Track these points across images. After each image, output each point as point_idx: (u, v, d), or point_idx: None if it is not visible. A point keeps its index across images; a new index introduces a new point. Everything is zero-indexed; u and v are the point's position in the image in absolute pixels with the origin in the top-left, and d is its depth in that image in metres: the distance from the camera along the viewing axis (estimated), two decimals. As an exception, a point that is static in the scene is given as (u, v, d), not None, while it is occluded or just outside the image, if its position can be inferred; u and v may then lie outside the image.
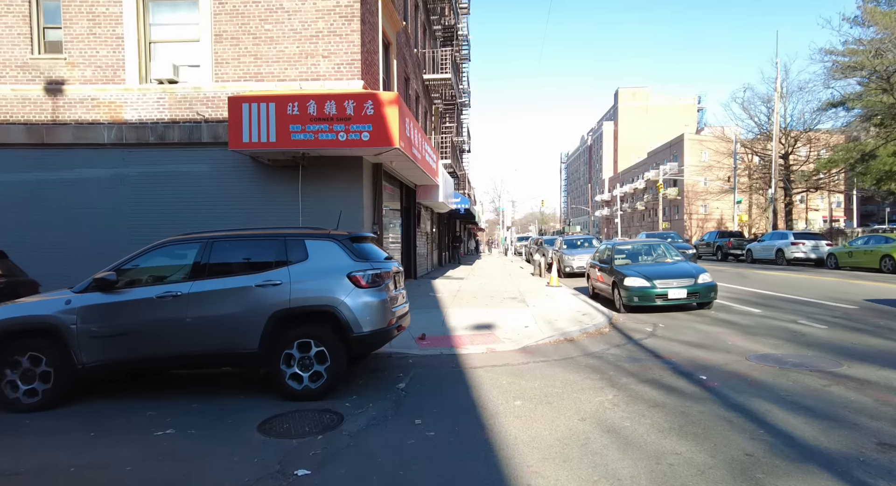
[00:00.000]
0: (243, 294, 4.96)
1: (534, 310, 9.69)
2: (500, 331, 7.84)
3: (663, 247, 11.36)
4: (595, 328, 8.04)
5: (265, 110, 9.03)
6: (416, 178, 14.31)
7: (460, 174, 26.43)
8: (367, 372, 5.88)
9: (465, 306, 10.38)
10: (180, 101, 9.93)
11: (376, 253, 5.59)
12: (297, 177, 9.92)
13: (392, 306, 5.31)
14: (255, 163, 10.07)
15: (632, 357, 6.23)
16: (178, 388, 5.44)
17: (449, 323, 8.49)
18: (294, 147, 9.06)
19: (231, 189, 10.09)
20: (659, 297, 9.19)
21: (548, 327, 8.07)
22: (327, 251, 5.18)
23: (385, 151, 9.46)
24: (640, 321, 8.77)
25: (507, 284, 15.11)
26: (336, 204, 10.01)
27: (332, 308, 4.93)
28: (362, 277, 5.05)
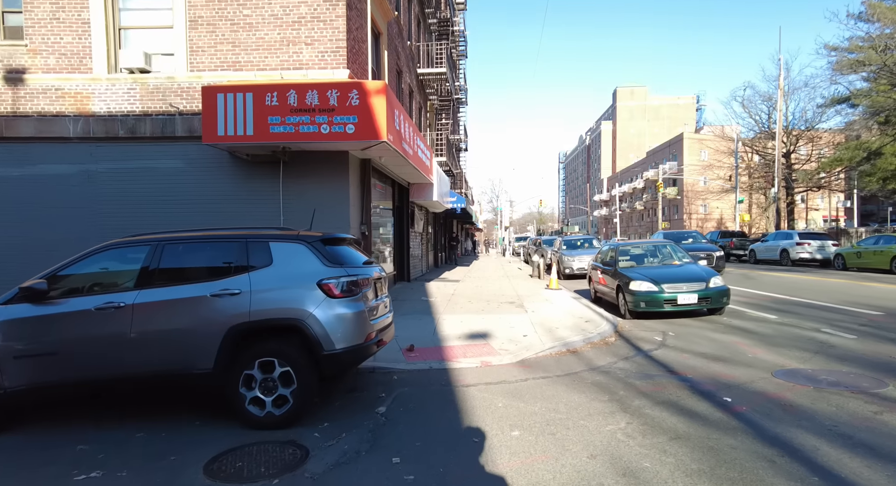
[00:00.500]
0: (196, 305, 4.27)
1: (533, 316, 9.01)
2: (496, 341, 7.16)
3: (670, 248, 10.70)
4: (600, 338, 7.37)
5: (242, 101, 8.33)
6: (408, 175, 13.62)
7: (456, 172, 25.75)
8: (344, 392, 5.19)
9: (460, 311, 9.69)
10: (152, 92, 9.22)
11: (353, 257, 4.90)
12: (279, 173, 9.23)
13: (371, 318, 4.63)
14: (234, 158, 9.37)
15: (643, 373, 5.56)
16: (129, 408, 4.74)
17: (441, 332, 7.81)
18: (273, 141, 8.37)
19: (208, 187, 9.38)
20: (668, 302, 8.52)
21: (548, 336, 7.39)
22: (295, 255, 4.49)
23: (373, 145, 8.77)
24: (647, 329, 8.10)
25: (505, 287, 14.43)
26: (320, 202, 9.32)
27: (298, 322, 4.24)
28: (335, 285, 4.36)
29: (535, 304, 10.58)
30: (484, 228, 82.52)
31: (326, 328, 4.26)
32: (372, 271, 4.90)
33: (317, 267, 4.43)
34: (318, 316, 4.26)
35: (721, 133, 45.21)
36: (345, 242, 5.03)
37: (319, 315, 4.26)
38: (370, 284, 4.73)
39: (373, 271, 4.95)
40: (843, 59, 26.77)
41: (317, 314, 4.26)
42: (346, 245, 5.06)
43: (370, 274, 4.79)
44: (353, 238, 5.18)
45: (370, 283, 4.73)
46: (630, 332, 7.91)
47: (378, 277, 5.06)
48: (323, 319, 4.27)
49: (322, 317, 4.27)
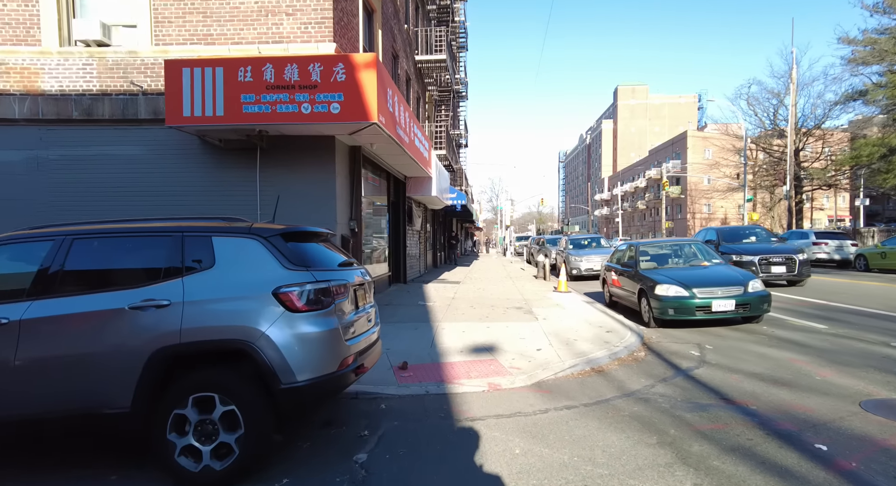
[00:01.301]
0: (109, 322, 3.17)
1: (545, 324, 7.90)
2: (505, 356, 6.06)
3: (695, 247, 9.60)
4: (627, 352, 6.26)
5: (211, 77, 7.22)
6: (405, 168, 12.51)
7: (456, 168, 24.64)
8: (316, 427, 4.08)
9: (461, 318, 8.58)
10: (112, 68, 8.10)
11: (325, 257, 3.80)
12: (256, 162, 8.12)
13: (348, 337, 3.52)
14: (205, 145, 8.26)
15: (692, 401, 4.46)
16: (22, 458, 3.63)
17: (440, 344, 6.70)
18: (247, 122, 7.26)
19: (176, 177, 8.27)
20: (700, 309, 7.42)
21: (566, 350, 6.28)
22: (245, 255, 3.38)
23: (362, 128, 7.66)
24: (679, 340, 7.01)
25: (509, 289, 13.32)
26: (304, 195, 8.22)
27: (247, 344, 3.13)
28: (297, 294, 3.26)
29: (545, 309, 9.48)
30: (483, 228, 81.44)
31: (285, 353, 3.16)
32: (351, 276, 3.79)
33: (274, 270, 3.32)
34: (273, 337, 3.15)
35: (726, 131, 44.15)
36: (315, 237, 3.91)
37: (275, 336, 3.16)
38: (347, 292, 3.62)
39: (352, 275, 3.84)
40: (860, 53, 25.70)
41: (272, 335, 3.15)
42: (318, 241, 3.95)
43: (348, 279, 3.68)
44: (326, 233, 4.07)
45: (347, 291, 3.62)
46: (660, 344, 6.81)
47: (360, 282, 3.96)
48: (280, 340, 3.16)
49: (279, 338, 3.16)
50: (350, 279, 3.73)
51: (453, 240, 28.82)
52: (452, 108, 23.98)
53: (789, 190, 28.10)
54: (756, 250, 12.98)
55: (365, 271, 4.26)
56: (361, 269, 4.22)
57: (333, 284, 3.45)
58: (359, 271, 4.06)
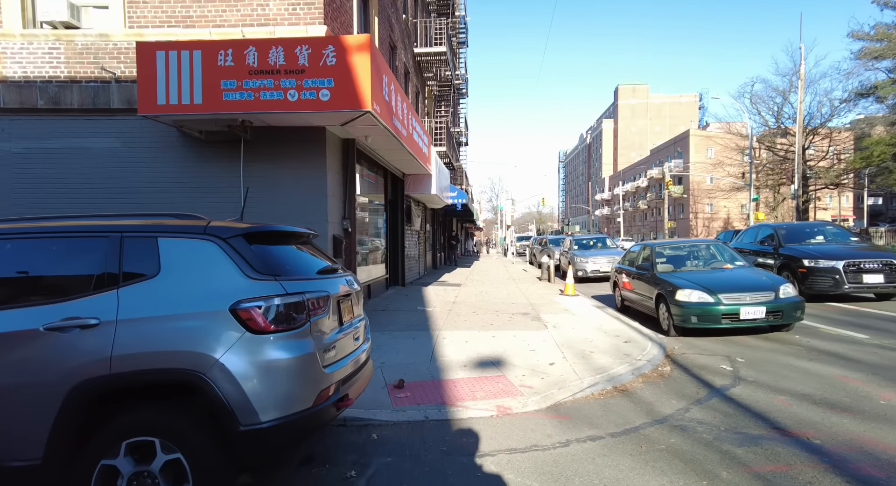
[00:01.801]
0: (16, 347, 2.50)
1: (555, 333, 7.22)
2: (514, 371, 5.37)
3: (714, 248, 8.92)
4: (651, 366, 5.58)
5: (188, 61, 6.53)
6: (403, 164, 11.83)
7: (456, 165, 23.96)
8: (294, 465, 3.40)
9: (463, 325, 7.89)
10: (81, 52, 7.41)
11: (301, 263, 3.12)
12: (239, 155, 7.43)
13: (328, 362, 2.85)
14: (185, 137, 7.58)
15: (738, 431, 3.77)
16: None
17: (441, 356, 6.01)
18: (228, 111, 6.57)
19: (152, 172, 7.59)
20: (727, 317, 6.73)
21: (583, 364, 5.60)
22: (199, 260, 2.70)
23: (355, 118, 6.97)
24: (705, 351, 6.33)
25: (513, 292, 12.64)
26: (291, 192, 7.55)
27: (196, 376, 2.46)
28: (261, 311, 2.58)
29: (553, 315, 8.79)
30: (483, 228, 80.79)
31: (245, 387, 2.48)
32: (334, 285, 3.11)
33: (233, 280, 2.64)
34: (230, 366, 2.47)
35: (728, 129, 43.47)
36: (291, 238, 3.23)
37: (233, 364, 2.48)
38: (328, 305, 2.93)
39: (335, 284, 3.16)
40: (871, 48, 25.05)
41: (228, 363, 2.47)
42: (296, 244, 3.27)
43: (329, 290, 3.00)
44: (306, 233, 3.39)
45: (328, 304, 2.94)
46: (684, 356, 6.13)
47: (346, 292, 3.28)
48: (239, 370, 2.48)
49: (238, 367, 2.48)
50: (332, 290, 3.05)
51: (453, 240, 28.14)
52: (453, 104, 23.31)
53: (797, 189, 27.42)
54: (839, 254, 9.58)
55: (352, 279, 3.58)
56: (348, 276, 3.54)
57: (309, 296, 2.77)
58: (344, 279, 3.37)
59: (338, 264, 3.53)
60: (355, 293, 3.56)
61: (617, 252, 16.89)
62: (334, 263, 3.57)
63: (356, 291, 3.59)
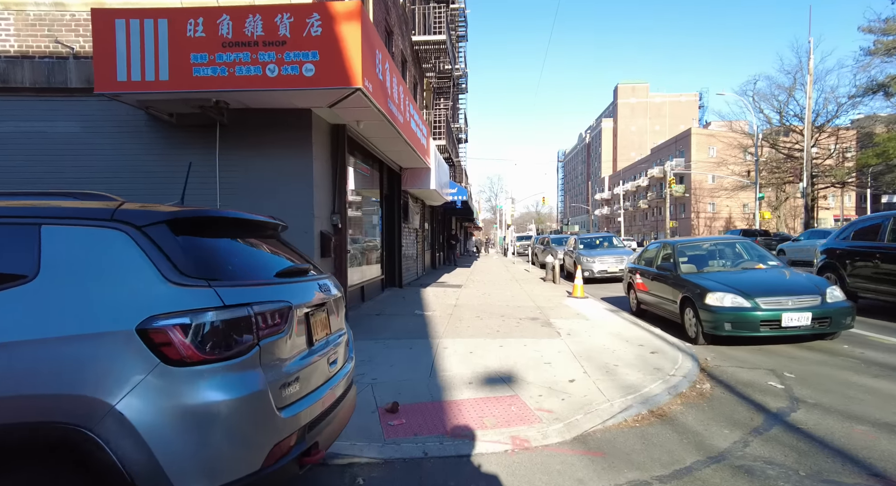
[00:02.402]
0: None
1: (570, 342, 6.40)
2: (528, 389, 4.56)
3: (741, 247, 8.11)
4: (687, 383, 4.77)
5: (152, 31, 5.71)
6: (400, 156, 11.00)
7: (456, 161, 23.13)
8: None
9: (467, 332, 7.07)
10: (34, 24, 6.57)
11: (253, 263, 2.32)
12: (215, 141, 6.61)
13: (288, 402, 2.03)
14: (153, 120, 6.75)
15: (825, 479, 2.96)
16: None
17: (442, 371, 5.19)
18: (199, 89, 5.75)
19: (117, 160, 6.76)
20: (766, 323, 5.92)
21: (608, 380, 4.78)
22: (98, 257, 1.87)
23: (344, 97, 6.15)
24: (743, 363, 5.53)
25: (518, 294, 11.82)
26: (273, 183, 6.73)
27: (77, 434, 1.63)
28: (182, 332, 1.76)
29: (565, 320, 7.98)
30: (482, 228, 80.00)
31: (154, 448, 1.66)
32: (302, 292, 2.30)
33: (147, 286, 1.82)
34: (132, 416, 1.65)
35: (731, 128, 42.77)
36: (243, 229, 2.41)
37: (137, 414, 1.66)
38: (289, 321, 2.11)
39: (305, 290, 2.34)
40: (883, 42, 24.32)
41: (130, 412, 1.66)
42: (250, 238, 2.45)
43: (293, 299, 2.18)
44: (268, 223, 2.58)
45: (289, 319, 2.12)
46: (721, 370, 5.32)
47: (320, 301, 2.46)
48: (146, 422, 1.66)
49: (144, 418, 1.66)
50: (297, 298, 2.23)
51: (453, 240, 27.32)
52: (452, 98, 22.50)
53: (806, 187, 26.65)
54: None
55: (329, 283, 2.76)
56: (323, 278, 2.72)
57: (259, 309, 1.95)
58: (317, 284, 2.55)
59: (309, 264, 2.70)
60: (333, 301, 2.74)
61: (625, 252, 16.12)
62: (305, 262, 2.75)
63: (335, 298, 2.77)
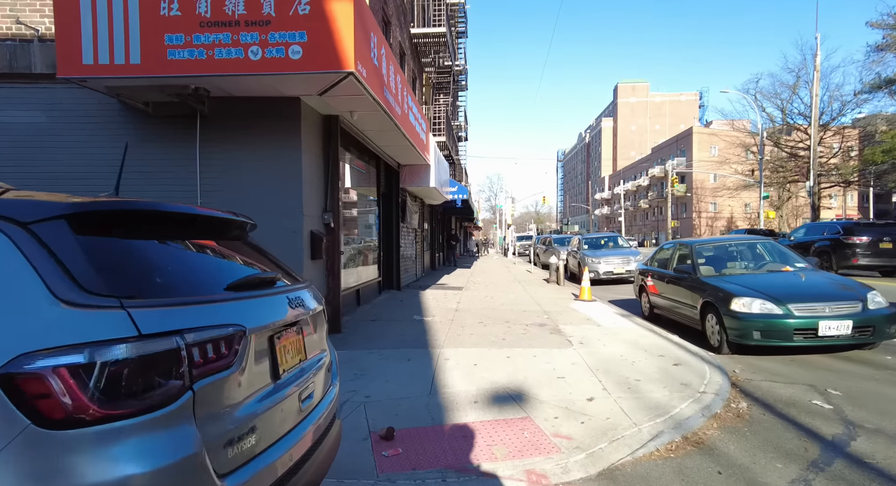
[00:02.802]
0: None
1: (584, 352, 5.85)
2: (541, 410, 4.00)
3: (763, 248, 7.57)
4: (721, 402, 4.22)
5: (122, 9, 5.15)
6: (398, 152, 10.45)
7: (456, 159, 22.57)
8: None
9: (469, 341, 6.52)
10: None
11: (198, 271, 1.75)
12: (195, 133, 6.05)
13: (235, 465, 1.46)
14: (127, 110, 6.19)
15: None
16: None
17: (443, 387, 4.63)
18: (173, 74, 5.19)
19: (88, 154, 6.20)
20: (800, 332, 5.38)
21: (632, 399, 4.23)
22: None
23: (335, 83, 5.59)
24: (778, 377, 4.98)
25: (521, 297, 11.27)
26: (258, 178, 6.17)
27: None
28: (62, 379, 1.19)
29: (575, 327, 7.42)
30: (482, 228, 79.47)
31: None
32: (264, 310, 1.75)
33: (27, 307, 1.25)
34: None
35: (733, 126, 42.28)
36: (182, 225, 1.84)
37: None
38: (240, 351, 1.55)
39: (270, 307, 1.80)
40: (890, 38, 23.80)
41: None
42: (196, 242, 1.89)
43: (247, 321, 1.62)
44: (224, 219, 2.03)
45: (240, 349, 1.56)
46: (755, 385, 4.77)
47: (292, 319, 1.91)
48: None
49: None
50: (258, 319, 1.68)
51: (453, 240, 26.77)
52: (452, 94, 21.95)
53: (813, 185, 26.10)
54: None
55: (306, 295, 2.21)
56: (299, 289, 2.17)
57: (194, 339, 1.40)
58: (288, 297, 2.00)
59: (278, 272, 2.14)
60: (311, 317, 2.19)
61: (632, 252, 15.59)
62: (274, 269, 2.19)
63: (313, 313, 2.22)
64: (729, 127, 44.34)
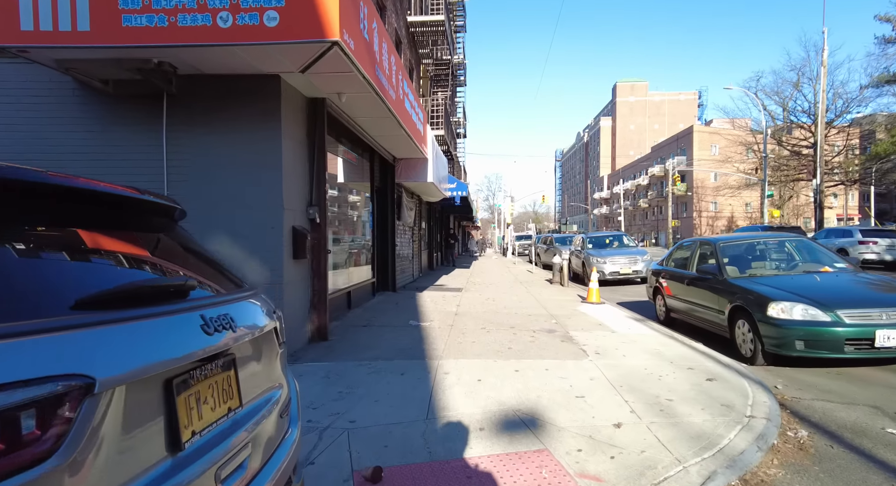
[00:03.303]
0: None
1: (602, 364, 5.15)
2: (561, 440, 3.30)
3: (793, 245, 6.89)
4: (775, 430, 3.53)
5: (70, -32, 4.42)
6: (393, 143, 9.74)
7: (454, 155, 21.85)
8: None
9: (472, 350, 5.82)
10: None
11: (46, 279, 1.02)
12: (161, 116, 5.34)
13: None
14: (85, 90, 5.47)
15: None
16: None
17: (442, 410, 3.92)
18: (131, 43, 4.46)
19: (40, 139, 5.49)
20: (853, 342, 4.70)
21: (667, 424, 3.53)
22: None
23: (318, 55, 4.87)
24: (829, 395, 4.30)
25: (525, 299, 10.57)
26: (233, 166, 5.45)
27: None
28: None
29: (587, 333, 6.73)
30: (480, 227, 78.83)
31: None
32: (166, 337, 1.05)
33: None
34: None
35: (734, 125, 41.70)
36: (44, 197, 1.13)
37: None
38: (86, 417, 0.84)
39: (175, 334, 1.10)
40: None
41: None
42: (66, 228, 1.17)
43: (115, 363, 0.91)
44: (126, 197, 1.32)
45: (89, 413, 0.84)
46: (809, 408, 4.08)
47: (214, 352, 1.19)
48: None
49: None
50: (132, 358, 0.98)
51: (451, 239, 26.07)
52: (451, 88, 21.24)
53: (819, 183, 25.47)
54: None
55: (243, 310, 1.50)
56: (236, 300, 1.47)
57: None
58: (204, 316, 1.28)
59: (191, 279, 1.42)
60: (253, 342, 1.49)
61: (638, 251, 14.92)
62: (197, 273, 1.48)
63: (257, 335, 1.51)
64: (730, 125, 43.79)
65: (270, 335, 1.72)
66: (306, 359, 5.38)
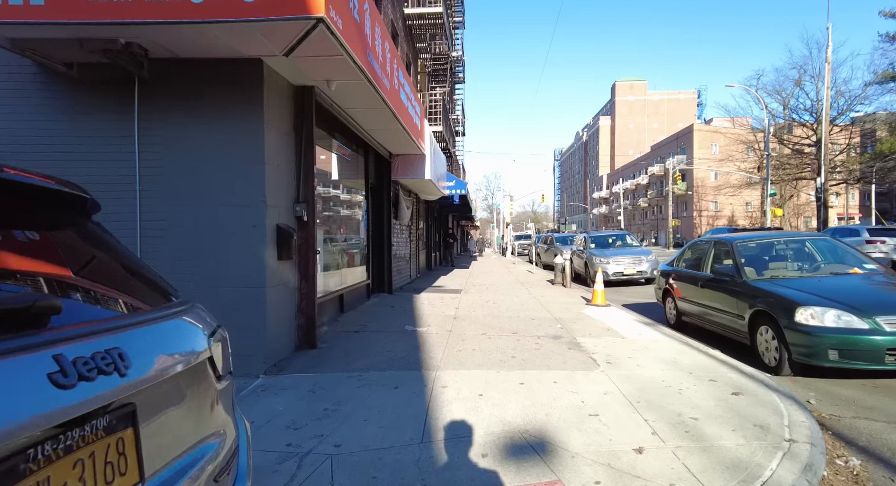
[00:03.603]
0: None
1: (615, 375, 4.70)
2: (575, 469, 2.85)
3: (815, 245, 6.45)
4: (821, 455, 3.08)
5: (24, -64, 3.95)
6: (388, 138, 9.28)
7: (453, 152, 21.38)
8: None
9: (472, 360, 5.36)
10: None
11: None
12: (133, 104, 4.88)
13: None
14: (49, 75, 5.00)
15: None
16: None
17: (439, 431, 3.46)
18: (90, 19, 3.99)
19: (8, 130, 5.01)
20: (893, 352, 4.26)
21: (697, 450, 3.08)
22: None
23: (303, 34, 4.41)
24: (874, 413, 3.86)
25: (527, 301, 10.12)
26: (210, 159, 4.99)
27: None
28: None
29: (595, 339, 6.28)
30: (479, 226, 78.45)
31: None
32: None
33: None
34: None
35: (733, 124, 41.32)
36: None
37: None
38: None
39: None
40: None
41: None
42: None
43: None
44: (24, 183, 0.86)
45: None
46: (853, 428, 3.64)
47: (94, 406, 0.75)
48: None
49: None
50: None
51: (450, 238, 25.61)
52: (449, 84, 20.77)
53: (824, 182, 25.06)
54: None
55: (150, 336, 1.03)
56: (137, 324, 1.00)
57: None
58: (60, 359, 0.82)
59: (49, 300, 0.97)
60: (172, 380, 1.03)
61: (643, 251, 14.48)
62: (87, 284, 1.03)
63: (182, 369, 1.06)
64: (730, 124, 43.42)
65: (203, 368, 1.26)
66: (291, 370, 4.93)
